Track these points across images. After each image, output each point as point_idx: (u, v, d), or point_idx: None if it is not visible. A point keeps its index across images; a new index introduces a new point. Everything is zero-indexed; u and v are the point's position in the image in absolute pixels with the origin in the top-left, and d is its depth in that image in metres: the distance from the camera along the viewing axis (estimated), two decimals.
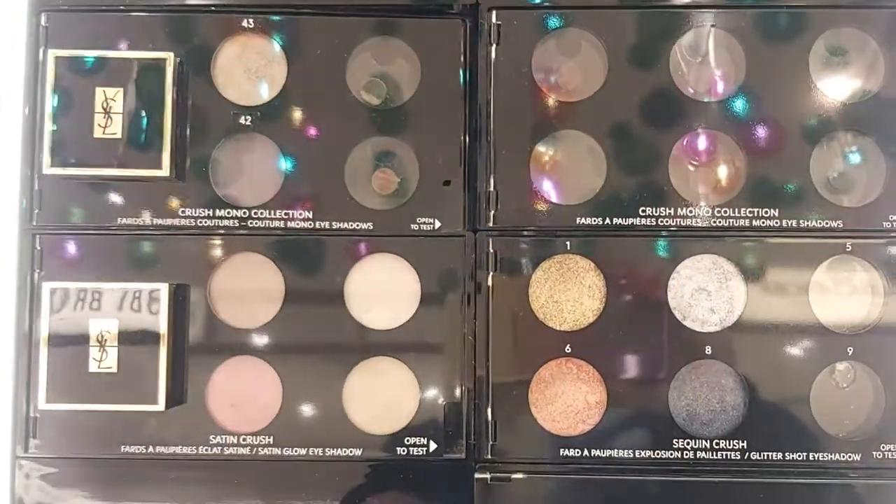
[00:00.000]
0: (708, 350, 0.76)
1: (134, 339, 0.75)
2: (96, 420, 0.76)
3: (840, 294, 0.76)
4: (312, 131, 0.78)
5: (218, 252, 0.78)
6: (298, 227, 0.77)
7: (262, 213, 0.78)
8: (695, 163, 0.76)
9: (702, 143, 0.76)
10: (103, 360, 0.75)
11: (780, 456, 0.75)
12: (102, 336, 0.75)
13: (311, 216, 0.77)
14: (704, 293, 0.77)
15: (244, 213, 0.78)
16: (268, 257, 0.78)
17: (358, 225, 0.77)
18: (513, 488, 0.75)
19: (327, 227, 0.77)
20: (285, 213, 0.78)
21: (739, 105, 0.77)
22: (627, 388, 0.76)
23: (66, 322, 0.75)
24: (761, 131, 0.77)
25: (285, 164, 0.78)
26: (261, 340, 0.77)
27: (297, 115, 0.78)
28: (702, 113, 0.77)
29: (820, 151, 0.76)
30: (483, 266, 0.77)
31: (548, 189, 0.77)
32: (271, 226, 0.78)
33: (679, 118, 0.77)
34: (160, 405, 0.74)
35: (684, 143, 0.76)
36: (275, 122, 0.78)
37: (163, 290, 0.75)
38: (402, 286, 0.78)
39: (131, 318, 0.75)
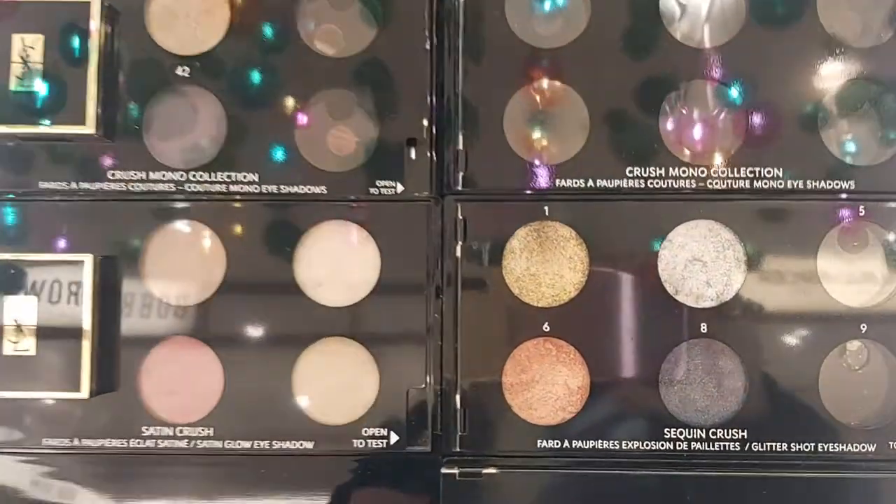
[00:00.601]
0: (703, 328, 0.69)
1: (54, 319, 0.67)
2: (14, 409, 0.69)
3: (852, 265, 0.70)
4: (258, 84, 0.71)
5: (152, 220, 0.71)
6: (242, 191, 0.70)
7: (201, 177, 0.70)
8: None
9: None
10: (20, 343, 0.67)
11: (784, 447, 0.69)
12: (19, 316, 0.66)
13: (256, 179, 0.70)
14: (699, 264, 0.70)
15: (181, 175, 0.70)
16: (208, 226, 0.71)
17: (310, 189, 0.70)
18: (485, 484, 0.69)
19: (275, 191, 0.70)
20: (227, 177, 0.70)
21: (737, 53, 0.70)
22: (613, 371, 0.70)
23: None
24: (762, 81, 0.70)
25: (228, 122, 0.71)
26: (200, 319, 0.70)
27: (241, 65, 0.71)
28: (694, 60, 0.70)
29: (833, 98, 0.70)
30: (451, 235, 0.70)
31: (524, 148, 0.70)
32: (212, 190, 0.70)
33: (672, 67, 0.70)
34: (83, 393, 0.66)
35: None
36: (216, 73, 0.71)
37: (87, 262, 0.68)
38: (360, 258, 0.70)
39: (52, 295, 0.67)
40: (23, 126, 0.68)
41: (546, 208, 0.70)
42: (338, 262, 0.70)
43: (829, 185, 0.69)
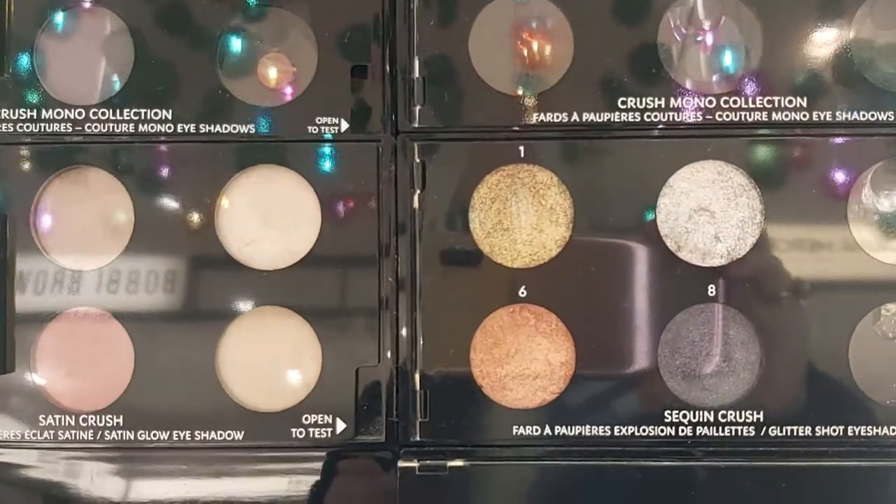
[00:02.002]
0: (711, 291, 0.60)
1: None
2: None
3: (889, 212, 0.60)
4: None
5: (45, 166, 0.61)
6: (153, 131, 0.60)
7: (103, 114, 0.60)
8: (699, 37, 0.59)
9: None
10: None
11: (807, 431, 0.60)
12: None
13: (169, 116, 0.60)
14: (706, 214, 0.60)
15: (79, 113, 0.60)
16: (111, 172, 0.61)
17: (235, 128, 0.60)
18: (450, 479, 0.60)
19: (192, 130, 0.60)
20: (135, 114, 0.60)
21: None
22: (603, 344, 0.60)
23: None
24: None
25: (135, 48, 0.60)
26: (105, 286, 0.60)
27: None
28: None
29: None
30: (407, 182, 0.61)
31: (492, 74, 0.60)
32: (116, 130, 0.60)
33: None
34: None
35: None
36: None
37: None
38: (297, 209, 0.61)
39: None
40: None
41: (521, 149, 0.61)
42: (271, 216, 0.60)
43: (863, 116, 0.60)
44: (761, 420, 0.61)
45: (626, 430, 0.61)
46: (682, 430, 0.61)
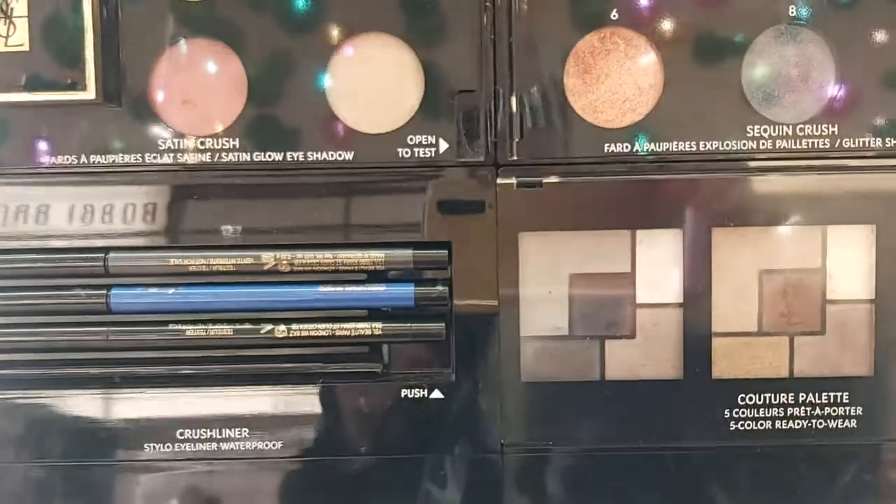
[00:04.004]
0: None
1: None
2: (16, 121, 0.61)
3: None
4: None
5: None
6: None
7: None
8: None
9: None
10: (11, 35, 0.58)
11: (878, 142, 0.61)
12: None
13: None
14: None
15: None
16: None
17: None
18: (545, 195, 0.61)
19: None
20: None
21: None
22: (687, 62, 0.61)
23: None
24: None
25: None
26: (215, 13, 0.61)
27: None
28: None
29: None
30: None
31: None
32: None
33: None
34: (90, 93, 0.57)
35: None
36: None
37: None
38: None
39: None
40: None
41: None
42: None
43: None
44: (836, 133, 0.62)
45: (712, 146, 0.62)
46: (764, 144, 0.62)
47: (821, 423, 0.62)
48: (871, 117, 0.61)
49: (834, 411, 0.62)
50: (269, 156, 0.62)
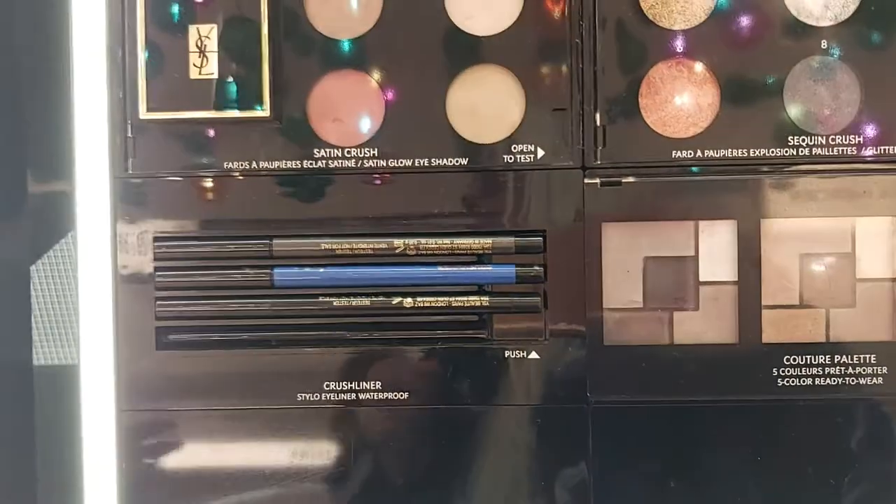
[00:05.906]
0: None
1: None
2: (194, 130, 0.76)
3: None
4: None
5: None
6: None
7: None
8: None
9: None
10: (204, 66, 0.73)
11: None
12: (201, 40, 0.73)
13: None
14: None
15: None
16: None
17: None
18: (624, 192, 0.75)
19: None
20: None
21: None
22: (737, 86, 0.75)
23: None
24: None
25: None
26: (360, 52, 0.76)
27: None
28: None
29: None
30: None
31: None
32: None
33: None
34: (266, 111, 0.73)
35: None
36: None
37: None
38: None
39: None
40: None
41: None
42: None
43: None
44: (861, 142, 0.74)
45: (758, 152, 0.75)
46: (801, 152, 0.75)
47: (853, 381, 0.75)
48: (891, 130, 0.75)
49: (864, 370, 0.75)
50: (401, 162, 0.76)
